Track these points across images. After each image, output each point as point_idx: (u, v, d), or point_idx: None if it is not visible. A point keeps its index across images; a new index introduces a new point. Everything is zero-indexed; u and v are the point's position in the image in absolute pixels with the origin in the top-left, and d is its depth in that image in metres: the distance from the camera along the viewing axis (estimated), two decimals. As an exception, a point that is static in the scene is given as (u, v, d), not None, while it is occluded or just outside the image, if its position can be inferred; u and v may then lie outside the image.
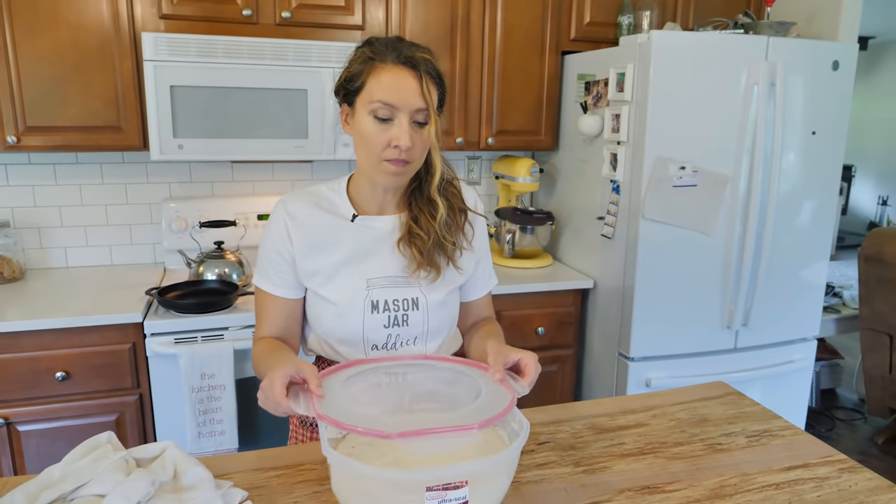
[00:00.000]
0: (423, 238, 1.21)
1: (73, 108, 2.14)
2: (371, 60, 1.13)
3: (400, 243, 1.23)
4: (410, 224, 1.23)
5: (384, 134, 1.13)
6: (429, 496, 0.89)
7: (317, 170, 2.73)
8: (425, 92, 1.11)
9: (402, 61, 1.12)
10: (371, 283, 1.23)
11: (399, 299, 1.23)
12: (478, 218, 1.32)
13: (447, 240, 1.23)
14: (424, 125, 1.14)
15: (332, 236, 1.24)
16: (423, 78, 1.12)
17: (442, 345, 1.30)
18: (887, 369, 3.02)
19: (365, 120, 1.14)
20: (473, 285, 1.36)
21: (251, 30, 2.26)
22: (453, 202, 1.25)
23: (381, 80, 1.12)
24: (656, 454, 1.19)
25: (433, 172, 1.20)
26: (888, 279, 2.90)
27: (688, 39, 2.15)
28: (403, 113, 1.12)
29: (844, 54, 2.31)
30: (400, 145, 1.11)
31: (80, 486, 0.97)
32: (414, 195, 1.25)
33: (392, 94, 1.11)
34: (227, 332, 2.07)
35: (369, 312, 1.22)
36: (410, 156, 1.14)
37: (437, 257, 1.23)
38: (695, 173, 2.20)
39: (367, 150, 1.16)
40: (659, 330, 2.31)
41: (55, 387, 1.99)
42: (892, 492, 1.09)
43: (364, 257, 1.24)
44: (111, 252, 2.58)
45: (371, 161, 1.16)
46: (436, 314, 1.26)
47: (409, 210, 1.25)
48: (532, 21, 2.54)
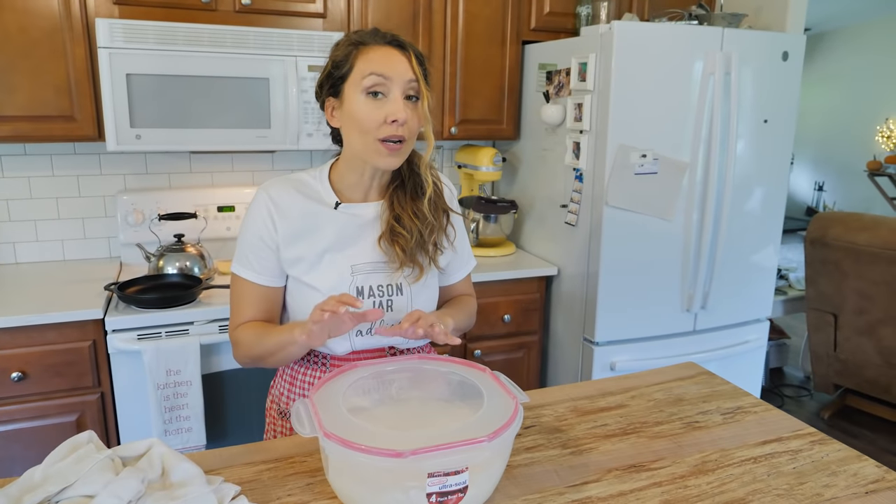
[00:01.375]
0: (406, 237, 1.22)
1: (21, 97, 2.04)
2: (357, 45, 1.15)
3: (381, 241, 1.24)
4: (393, 223, 1.23)
5: (379, 111, 1.13)
6: (430, 482, 0.90)
7: (277, 160, 2.69)
8: (414, 66, 1.14)
9: (388, 41, 1.15)
10: (356, 269, 1.23)
11: (384, 285, 1.24)
12: (456, 216, 1.34)
13: (429, 241, 1.24)
14: (416, 101, 1.16)
15: (315, 223, 1.23)
16: (410, 54, 1.15)
17: None
18: (832, 347, 3.18)
19: (357, 100, 1.14)
20: (453, 270, 1.38)
21: (210, 17, 2.20)
22: (437, 202, 1.27)
23: (371, 57, 1.14)
24: (638, 434, 1.22)
25: (428, 145, 1.22)
26: (832, 261, 3.04)
27: (648, 30, 2.20)
28: (396, 85, 1.13)
29: (793, 45, 2.40)
30: (397, 118, 1.12)
31: (66, 487, 0.94)
32: (397, 193, 1.25)
33: (384, 66, 1.13)
34: (192, 327, 2.02)
35: None
36: (406, 132, 1.15)
37: (420, 256, 1.24)
38: (655, 161, 2.26)
39: (362, 132, 1.15)
40: (622, 314, 2.36)
41: (10, 388, 1.91)
42: (861, 461, 1.15)
43: (348, 244, 1.24)
44: (63, 247, 2.49)
45: (366, 142, 1.16)
46: (418, 297, 1.28)
47: (391, 208, 1.25)
48: (493, 11, 2.55)
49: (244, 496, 1.00)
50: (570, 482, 1.06)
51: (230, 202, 2.55)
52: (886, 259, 2.83)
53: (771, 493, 1.05)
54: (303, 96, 2.24)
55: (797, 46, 2.41)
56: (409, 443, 0.89)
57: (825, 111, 7.50)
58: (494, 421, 0.95)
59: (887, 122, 7.01)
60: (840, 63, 7.42)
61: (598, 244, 2.29)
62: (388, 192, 1.27)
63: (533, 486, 1.05)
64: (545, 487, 1.05)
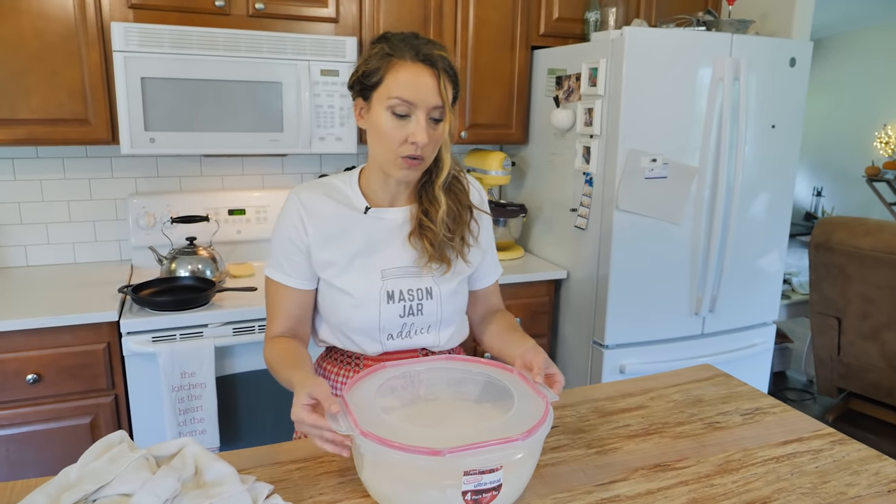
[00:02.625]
0: (434, 231, 1.23)
1: (36, 100, 2.05)
2: (389, 57, 1.15)
3: (411, 237, 1.25)
4: (421, 217, 1.25)
5: (401, 130, 1.14)
6: (466, 480, 0.91)
7: (288, 164, 2.70)
8: (442, 90, 1.14)
9: (421, 59, 1.13)
10: (386, 274, 1.25)
11: (413, 289, 1.25)
12: (482, 214, 1.34)
13: (456, 234, 1.25)
14: (439, 122, 1.16)
15: (345, 228, 1.25)
16: (441, 76, 1.14)
17: (453, 333, 1.33)
18: (835, 351, 3.20)
19: (382, 115, 1.15)
20: (481, 275, 1.39)
21: (223, 21, 2.22)
22: (460, 198, 1.27)
23: (400, 77, 1.13)
24: (661, 434, 1.24)
25: (441, 167, 1.22)
26: (836, 265, 3.06)
27: (658, 36, 2.22)
28: (421, 110, 1.14)
29: (800, 51, 2.43)
30: (417, 142, 1.13)
31: (103, 486, 0.95)
32: (424, 189, 1.26)
33: (411, 91, 1.13)
34: (206, 330, 2.03)
35: (385, 302, 1.24)
36: (424, 152, 1.16)
37: (447, 250, 1.25)
38: (665, 165, 2.28)
39: (383, 145, 1.17)
40: (631, 318, 2.38)
41: (26, 390, 1.92)
42: (881, 460, 1.17)
43: (377, 248, 1.25)
44: (74, 250, 2.49)
45: (386, 155, 1.18)
46: (449, 303, 1.29)
47: (420, 203, 1.26)
48: (503, 16, 2.57)
49: (277, 495, 1.01)
50: (598, 481, 1.08)
51: (241, 206, 2.56)
52: (890, 263, 2.86)
53: (795, 491, 1.06)
54: (315, 100, 2.26)
55: (804, 53, 2.43)
56: (445, 442, 0.90)
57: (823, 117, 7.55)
58: (526, 420, 0.97)
59: (885, 127, 7.05)
60: (838, 69, 7.47)
61: (608, 248, 2.31)
62: (416, 189, 1.28)
63: (561, 485, 1.06)
64: (573, 486, 1.06)
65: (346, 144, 2.34)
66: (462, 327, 1.37)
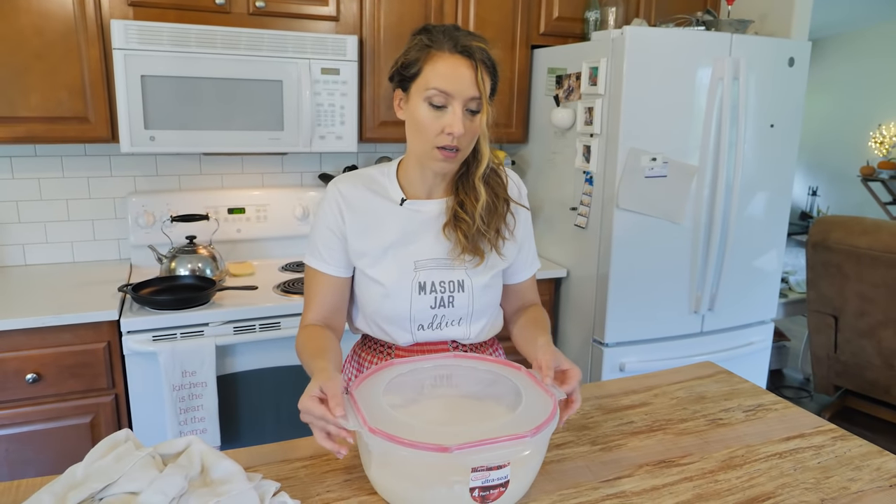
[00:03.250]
0: (468, 223, 1.23)
1: (35, 98, 2.04)
2: (428, 48, 1.15)
3: (446, 228, 1.26)
4: (456, 209, 1.25)
5: (438, 121, 1.15)
6: (473, 476, 0.91)
7: (287, 162, 2.70)
8: (479, 81, 1.13)
9: (459, 50, 1.14)
10: (419, 265, 1.26)
11: (445, 281, 1.26)
12: (520, 208, 1.33)
13: (490, 226, 1.25)
14: (476, 113, 1.16)
15: (381, 218, 1.27)
16: (478, 67, 1.14)
17: (485, 327, 1.33)
18: (832, 349, 3.21)
19: (419, 106, 1.16)
20: (517, 269, 1.38)
21: (223, 19, 2.21)
22: (497, 191, 1.27)
23: (437, 68, 1.14)
24: (665, 431, 1.24)
25: (480, 160, 1.22)
26: (833, 264, 3.07)
27: (659, 35, 2.23)
28: (457, 101, 1.14)
29: (799, 51, 2.44)
30: (453, 132, 1.13)
31: (110, 484, 0.95)
32: (461, 180, 1.26)
33: (447, 82, 1.13)
34: (207, 328, 2.03)
35: (416, 293, 1.25)
36: (461, 143, 1.16)
37: (481, 242, 1.25)
38: (665, 164, 2.28)
39: (420, 136, 1.18)
40: (632, 316, 2.39)
41: (26, 389, 1.91)
42: (883, 455, 1.18)
43: (411, 240, 1.27)
44: (73, 249, 2.48)
45: (423, 147, 1.18)
46: (480, 297, 1.29)
47: (456, 195, 1.27)
48: (503, 15, 2.58)
49: (284, 492, 1.01)
50: (603, 477, 1.08)
51: (240, 204, 2.56)
52: (887, 262, 2.87)
53: (799, 486, 1.07)
54: (316, 98, 2.26)
55: (803, 53, 2.44)
56: (453, 438, 0.90)
57: (819, 117, 7.58)
58: (533, 417, 0.97)
59: (880, 127, 7.09)
60: (833, 70, 7.50)
61: (609, 246, 2.31)
62: (453, 181, 1.28)
63: (567, 482, 1.07)
64: (579, 482, 1.06)
65: (347, 143, 2.34)
66: (495, 321, 1.37)
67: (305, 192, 2.65)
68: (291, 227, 2.62)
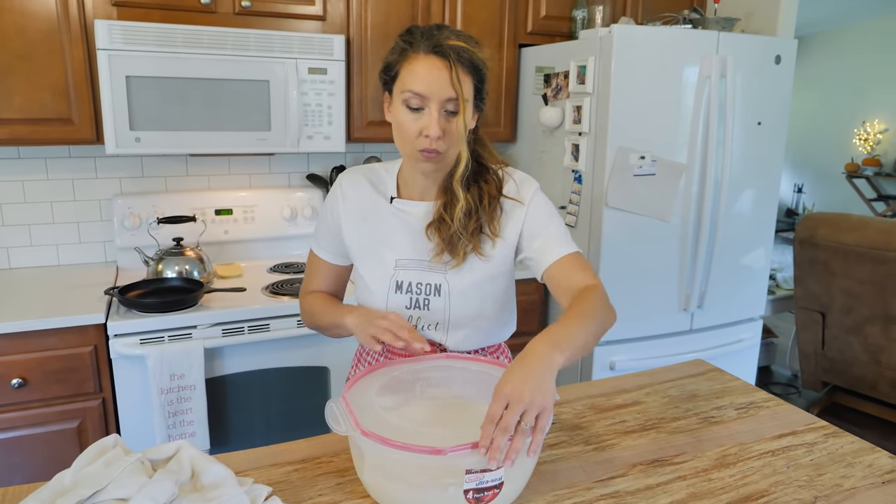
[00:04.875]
0: (448, 224, 1.22)
1: (18, 99, 2.01)
2: (405, 51, 1.15)
3: (429, 229, 1.25)
4: (441, 211, 1.24)
5: (415, 123, 1.14)
6: (467, 478, 0.90)
7: (275, 163, 2.68)
8: (454, 81, 1.11)
9: (434, 51, 1.12)
10: (399, 264, 1.27)
11: (423, 283, 1.26)
12: (517, 206, 1.26)
13: (467, 228, 1.22)
14: (455, 114, 1.15)
15: (373, 214, 1.29)
16: (454, 67, 1.11)
17: (468, 337, 1.29)
18: (820, 345, 3.24)
19: (399, 108, 1.16)
20: (539, 255, 1.26)
21: (209, 19, 2.19)
22: (486, 190, 1.24)
23: (413, 69, 1.13)
24: (658, 429, 1.24)
25: (458, 163, 1.19)
26: (820, 261, 3.09)
27: (646, 33, 2.23)
28: (433, 103, 1.12)
29: (785, 49, 2.45)
30: (430, 135, 1.13)
31: (98, 490, 0.94)
32: (448, 181, 1.25)
33: (421, 84, 1.12)
34: (195, 331, 2.01)
35: (393, 292, 1.26)
36: (441, 145, 1.15)
37: (460, 244, 1.23)
38: (653, 163, 2.29)
39: (402, 139, 1.18)
40: (622, 314, 2.33)
41: (11, 394, 1.88)
42: (875, 452, 1.18)
43: (396, 239, 1.27)
44: (58, 251, 2.45)
45: (406, 149, 1.19)
46: (458, 304, 1.26)
47: (444, 196, 1.26)
48: (490, 14, 2.57)
49: (276, 497, 1.00)
50: (597, 477, 1.08)
51: (228, 205, 2.54)
52: (873, 259, 2.89)
53: (792, 484, 1.07)
54: (303, 98, 2.24)
55: (789, 50, 2.46)
56: (446, 440, 0.89)
57: (804, 114, 7.64)
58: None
59: (864, 124, 7.16)
60: (818, 67, 7.57)
61: (598, 245, 2.31)
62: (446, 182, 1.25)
63: (561, 482, 1.06)
64: (573, 483, 1.06)
65: (335, 143, 2.33)
66: (487, 333, 1.33)
67: (293, 193, 2.63)
68: (279, 228, 2.60)
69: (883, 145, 7.02)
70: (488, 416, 0.89)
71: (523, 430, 0.88)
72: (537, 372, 0.92)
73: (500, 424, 0.87)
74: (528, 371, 0.92)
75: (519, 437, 0.88)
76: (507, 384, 0.90)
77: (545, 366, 0.94)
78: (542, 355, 0.95)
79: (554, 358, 0.95)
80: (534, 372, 0.92)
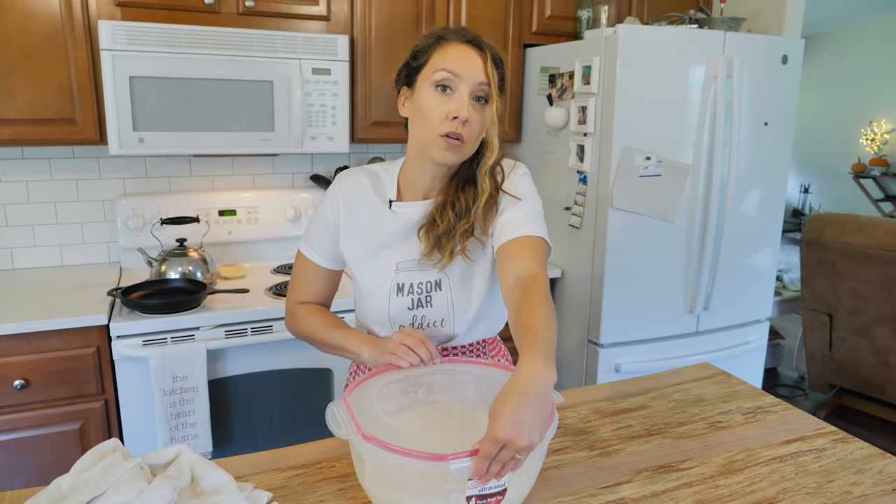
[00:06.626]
0: (438, 226, 1.21)
1: (21, 100, 2.01)
2: (439, 39, 1.17)
3: (420, 231, 1.24)
4: (434, 213, 1.23)
5: (444, 105, 1.13)
6: (470, 485, 0.89)
7: (279, 164, 2.67)
8: (488, 69, 1.13)
9: (468, 40, 1.15)
10: (399, 267, 1.25)
11: (423, 282, 1.25)
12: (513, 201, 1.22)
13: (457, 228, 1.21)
14: (484, 103, 1.15)
15: (372, 218, 1.27)
16: (487, 56, 1.14)
17: (474, 323, 1.28)
18: (827, 347, 3.21)
19: (426, 92, 1.15)
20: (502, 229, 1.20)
21: (213, 19, 2.18)
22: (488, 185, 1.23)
23: (447, 52, 1.15)
24: (664, 434, 1.23)
25: (489, 153, 1.20)
26: (827, 262, 3.07)
27: (652, 33, 2.21)
28: (465, 84, 1.13)
29: (792, 48, 2.43)
30: (459, 116, 1.12)
31: (97, 496, 0.93)
32: (449, 185, 1.24)
33: (456, 63, 1.13)
34: (198, 332, 2.00)
35: (394, 295, 1.25)
36: (467, 132, 1.14)
37: (448, 244, 1.22)
38: (659, 163, 2.27)
39: (426, 124, 1.16)
40: (627, 316, 2.37)
41: (13, 396, 1.88)
42: (885, 458, 1.16)
43: (396, 241, 1.26)
44: (62, 252, 2.45)
45: (428, 135, 1.16)
46: (459, 292, 1.25)
47: (446, 194, 1.24)
48: (495, 14, 2.55)
49: (276, 502, 0.98)
50: (602, 483, 1.06)
51: (231, 206, 2.53)
52: (881, 260, 2.87)
53: (801, 491, 1.06)
54: (307, 99, 2.23)
55: (796, 50, 2.43)
56: (449, 446, 0.88)
57: (810, 114, 7.59)
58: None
59: (871, 124, 7.11)
60: (824, 67, 7.52)
61: (603, 246, 2.30)
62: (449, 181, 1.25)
63: (565, 488, 1.05)
64: (578, 489, 1.05)
65: (338, 144, 2.32)
66: (491, 320, 1.32)
67: (297, 194, 2.62)
68: (283, 228, 2.59)
69: (890, 145, 6.97)
70: (482, 454, 0.84)
71: (518, 461, 0.87)
72: (537, 407, 0.86)
73: (496, 460, 0.84)
74: (527, 407, 0.84)
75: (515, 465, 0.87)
76: (505, 426, 0.82)
77: (545, 395, 0.88)
78: (542, 382, 0.88)
79: (551, 379, 0.90)
80: (533, 408, 0.85)
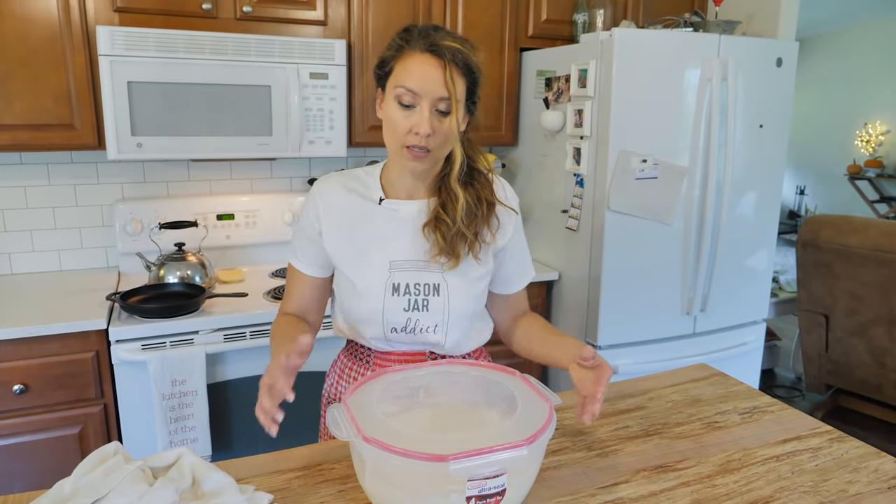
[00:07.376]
0: (449, 224, 1.21)
1: (20, 105, 2.02)
2: (401, 47, 1.15)
3: (425, 228, 1.24)
4: (439, 210, 1.23)
5: (407, 120, 1.14)
6: (470, 485, 0.90)
7: (276, 168, 2.68)
8: (448, 81, 1.11)
9: (429, 49, 1.12)
10: (394, 266, 1.24)
11: (420, 283, 1.24)
12: (508, 212, 1.30)
13: (470, 228, 1.22)
14: (447, 115, 1.14)
15: (359, 218, 1.26)
16: (448, 67, 1.11)
17: (464, 336, 1.30)
18: (824, 348, 3.22)
19: (391, 104, 1.16)
20: (511, 278, 1.35)
21: (210, 24, 2.19)
22: (481, 193, 1.24)
23: (407, 66, 1.13)
24: (661, 435, 1.24)
25: (452, 162, 1.20)
26: (823, 263, 3.09)
27: (648, 37, 2.23)
28: (425, 100, 1.12)
29: (787, 51, 2.45)
30: (420, 132, 1.12)
31: (98, 499, 0.93)
32: (444, 181, 1.25)
33: (414, 80, 1.12)
34: (197, 336, 2.00)
35: (390, 294, 1.23)
36: (431, 144, 1.15)
37: (459, 246, 1.23)
38: (655, 166, 2.28)
39: (392, 135, 1.17)
40: (624, 318, 2.38)
41: (12, 401, 1.88)
42: (880, 457, 1.17)
43: (388, 240, 1.25)
44: (60, 257, 2.45)
45: (394, 146, 1.18)
46: (456, 302, 1.25)
47: (439, 196, 1.25)
48: (492, 18, 2.57)
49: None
50: (601, 483, 1.07)
51: (229, 210, 2.53)
52: (877, 261, 2.89)
53: (797, 490, 1.06)
54: (304, 103, 2.24)
55: (791, 52, 2.45)
56: (449, 447, 0.89)
57: (806, 116, 7.63)
58: (530, 424, 0.96)
59: (866, 126, 7.15)
60: (819, 69, 7.56)
61: (600, 249, 2.31)
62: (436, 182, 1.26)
63: (564, 489, 1.06)
64: (576, 489, 1.05)
65: (336, 148, 2.33)
66: (479, 332, 1.34)
67: (295, 198, 2.63)
68: (281, 232, 2.60)
69: (885, 147, 7.00)
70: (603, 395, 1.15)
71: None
72: None
73: None
74: None
75: None
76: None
77: None
78: None
79: None
80: None
